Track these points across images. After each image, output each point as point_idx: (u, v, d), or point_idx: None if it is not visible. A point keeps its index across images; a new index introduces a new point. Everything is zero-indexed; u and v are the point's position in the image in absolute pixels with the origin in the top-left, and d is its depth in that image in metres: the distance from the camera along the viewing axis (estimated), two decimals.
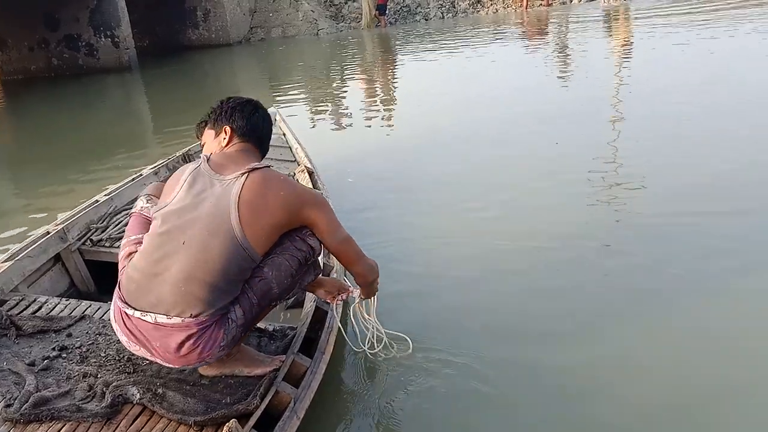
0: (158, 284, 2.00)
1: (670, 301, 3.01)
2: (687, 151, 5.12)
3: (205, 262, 1.97)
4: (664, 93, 7.15)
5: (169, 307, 1.98)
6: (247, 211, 2.00)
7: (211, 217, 2.01)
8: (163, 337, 2.00)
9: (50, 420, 2.03)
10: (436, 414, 2.41)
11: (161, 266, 2.01)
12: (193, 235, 2.00)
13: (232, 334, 2.05)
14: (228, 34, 18.82)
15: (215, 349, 2.03)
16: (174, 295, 1.97)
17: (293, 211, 2.08)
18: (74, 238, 3.30)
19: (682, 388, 2.44)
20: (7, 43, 15.61)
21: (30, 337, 2.51)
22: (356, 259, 2.28)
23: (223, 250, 1.98)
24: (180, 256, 1.99)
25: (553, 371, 2.58)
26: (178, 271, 1.98)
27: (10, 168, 7.35)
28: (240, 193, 2.02)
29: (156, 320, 1.99)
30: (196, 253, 1.98)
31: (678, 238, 3.62)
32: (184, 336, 1.98)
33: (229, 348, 2.10)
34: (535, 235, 3.78)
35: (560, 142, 5.65)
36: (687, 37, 11.43)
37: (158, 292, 1.99)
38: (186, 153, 4.56)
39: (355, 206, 4.46)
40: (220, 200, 2.03)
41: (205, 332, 2.00)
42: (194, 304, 1.97)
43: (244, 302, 2.06)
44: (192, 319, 1.97)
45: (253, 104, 2.37)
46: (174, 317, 1.97)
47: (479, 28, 17.58)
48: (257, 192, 2.03)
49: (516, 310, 3.05)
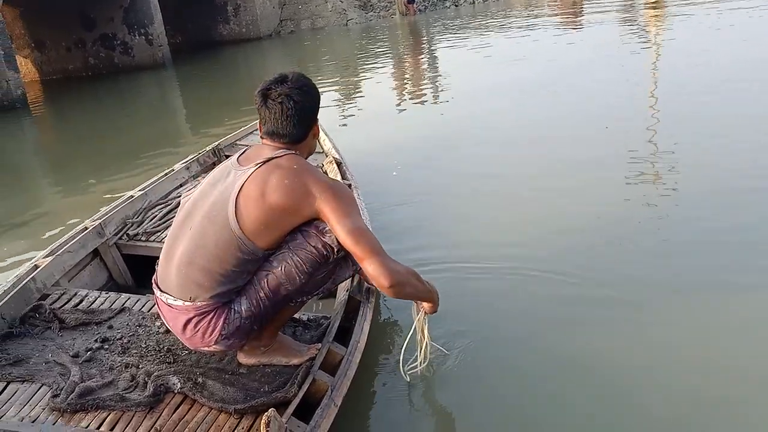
0: (170, 267, 2.09)
1: (720, 291, 2.94)
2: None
3: (203, 247, 2.02)
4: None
5: (174, 289, 2.06)
6: (245, 203, 1.99)
7: (212, 205, 2.05)
8: (174, 318, 2.10)
9: (95, 409, 2.09)
10: (473, 405, 2.39)
11: (173, 250, 2.10)
12: (196, 222, 2.06)
13: (235, 325, 2.06)
14: (258, 28, 18.91)
15: (216, 335, 2.06)
16: (177, 278, 2.05)
17: (297, 199, 1.98)
18: (111, 233, 3.37)
19: (736, 380, 2.38)
20: (45, 44, 15.94)
21: (72, 329, 2.58)
22: (367, 254, 1.95)
23: (218, 238, 2.00)
24: (184, 240, 2.07)
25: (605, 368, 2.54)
26: (181, 255, 2.05)
27: (52, 167, 7.54)
28: (243, 184, 2.01)
29: (167, 301, 2.09)
30: (196, 239, 2.04)
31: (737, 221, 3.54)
32: (186, 319, 2.06)
33: (237, 338, 2.11)
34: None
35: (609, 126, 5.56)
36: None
37: (169, 275, 2.09)
38: (216, 147, 4.61)
39: (398, 200, 4.39)
40: (225, 190, 2.05)
41: (204, 318, 2.05)
42: (192, 288, 2.03)
43: (251, 295, 2.07)
44: (190, 303, 2.04)
45: (280, 94, 2.07)
46: (178, 299, 2.06)
47: (511, 12, 17.35)
48: (260, 181, 1.99)
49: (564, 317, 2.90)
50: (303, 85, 2.10)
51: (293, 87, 2.08)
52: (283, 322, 2.30)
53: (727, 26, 10.35)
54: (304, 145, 2.17)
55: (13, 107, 10.86)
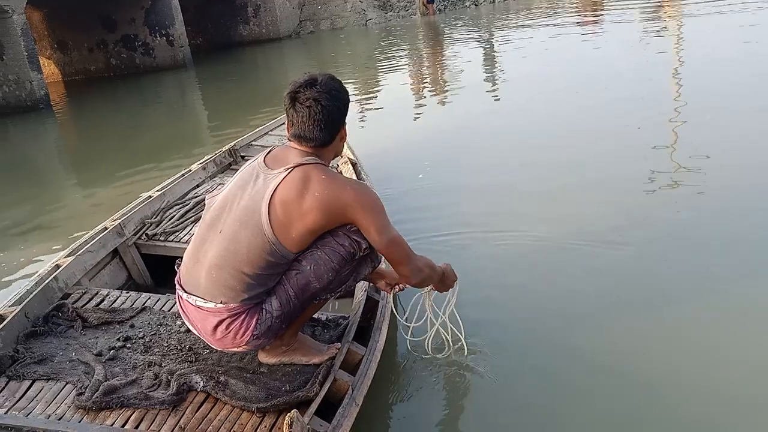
0: (198, 270, 2.09)
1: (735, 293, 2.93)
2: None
3: (234, 252, 2.02)
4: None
5: (204, 291, 2.06)
6: (278, 210, 1.99)
7: (244, 209, 2.04)
8: (202, 319, 2.10)
9: (120, 408, 2.11)
10: (490, 405, 2.41)
11: (201, 252, 2.09)
12: (227, 225, 2.06)
13: (267, 324, 2.08)
14: (278, 29, 18.97)
15: (248, 336, 2.08)
16: (207, 281, 2.05)
17: (332, 213, 2.01)
18: (130, 233, 3.41)
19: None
20: (68, 45, 16.14)
21: (95, 328, 2.61)
22: (403, 260, 2.15)
23: (251, 243, 2.00)
24: (215, 243, 2.07)
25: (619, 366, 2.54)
26: (212, 258, 2.05)
27: (74, 167, 7.63)
28: (275, 190, 2.00)
29: (196, 303, 2.09)
30: (227, 243, 2.03)
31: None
32: (217, 320, 2.06)
33: (267, 338, 2.12)
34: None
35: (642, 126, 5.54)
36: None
37: (197, 277, 2.09)
38: (232, 148, 4.63)
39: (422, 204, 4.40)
40: (257, 193, 2.04)
41: (236, 319, 2.05)
42: (224, 291, 2.03)
43: (281, 294, 2.08)
44: (223, 305, 2.04)
45: (308, 97, 2.04)
46: (209, 302, 2.06)
47: (531, 12, 17.26)
48: (293, 191, 1.99)
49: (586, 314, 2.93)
50: (332, 89, 2.07)
51: (322, 91, 2.04)
52: (305, 321, 2.31)
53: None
54: (330, 149, 2.16)
55: (36, 107, 11.01)
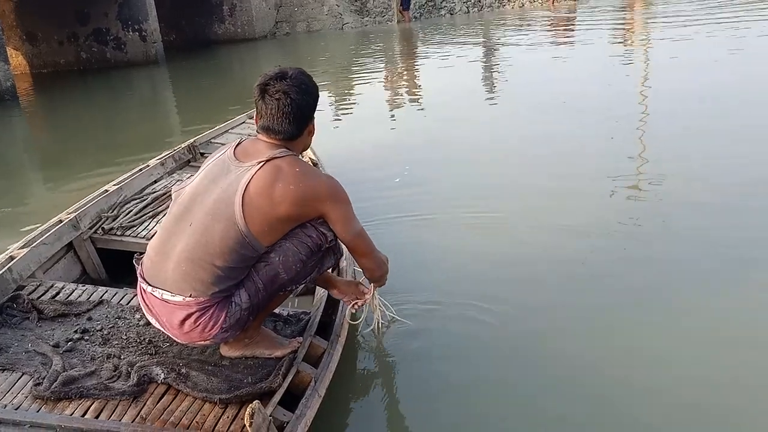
0: (166, 263, 2.07)
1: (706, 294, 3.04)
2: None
3: (205, 245, 2.01)
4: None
5: (172, 285, 2.05)
6: (252, 203, 1.99)
7: (216, 202, 2.04)
8: (169, 313, 2.08)
9: (79, 398, 2.09)
10: (445, 391, 2.49)
11: (169, 245, 2.08)
12: (198, 218, 2.04)
13: (236, 317, 2.08)
14: (254, 29, 18.88)
15: (217, 329, 2.07)
16: (176, 274, 2.03)
17: (305, 205, 2.05)
18: (86, 227, 3.37)
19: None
20: (37, 37, 15.82)
21: (51, 320, 2.58)
22: (367, 252, 2.28)
23: (223, 236, 2.00)
24: (184, 236, 2.05)
25: (573, 361, 2.62)
26: (181, 251, 2.04)
27: (40, 160, 7.50)
28: (248, 183, 2.00)
29: (162, 297, 2.07)
30: (199, 236, 2.02)
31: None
32: (185, 314, 2.05)
33: (235, 330, 2.13)
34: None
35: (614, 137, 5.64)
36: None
37: (164, 270, 2.06)
38: (191, 145, 4.62)
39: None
40: (229, 187, 2.03)
41: (205, 312, 2.05)
42: (194, 284, 2.01)
43: (250, 286, 2.09)
44: (192, 299, 2.03)
45: (278, 90, 2.05)
46: (177, 295, 2.04)
47: (504, 22, 17.45)
48: (266, 184, 2.00)
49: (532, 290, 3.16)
50: (302, 83, 2.09)
51: (292, 84, 2.06)
52: (268, 314, 2.33)
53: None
54: (298, 142, 2.17)
55: (2, 99, 10.79)
